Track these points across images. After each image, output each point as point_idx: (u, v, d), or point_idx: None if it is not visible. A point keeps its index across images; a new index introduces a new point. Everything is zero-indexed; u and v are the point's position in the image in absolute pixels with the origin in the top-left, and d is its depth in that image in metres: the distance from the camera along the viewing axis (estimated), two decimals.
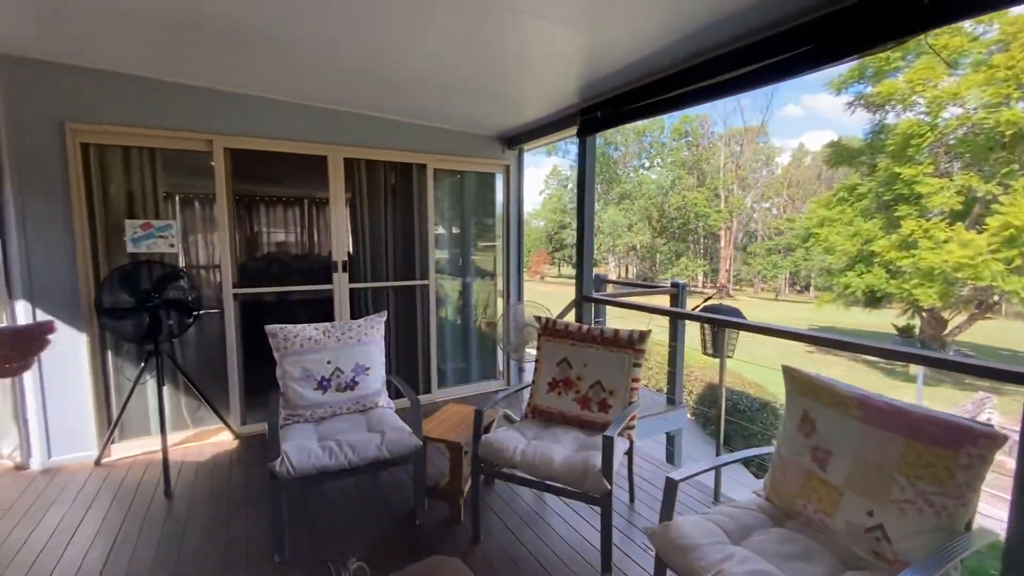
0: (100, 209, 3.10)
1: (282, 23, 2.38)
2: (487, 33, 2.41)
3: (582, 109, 3.39)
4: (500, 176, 4.55)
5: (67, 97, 2.92)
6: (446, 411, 2.90)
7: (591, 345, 2.56)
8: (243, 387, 3.61)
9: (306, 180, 6.67)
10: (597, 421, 2.46)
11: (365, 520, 2.52)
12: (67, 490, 2.81)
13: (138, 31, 2.49)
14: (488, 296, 4.81)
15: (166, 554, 2.25)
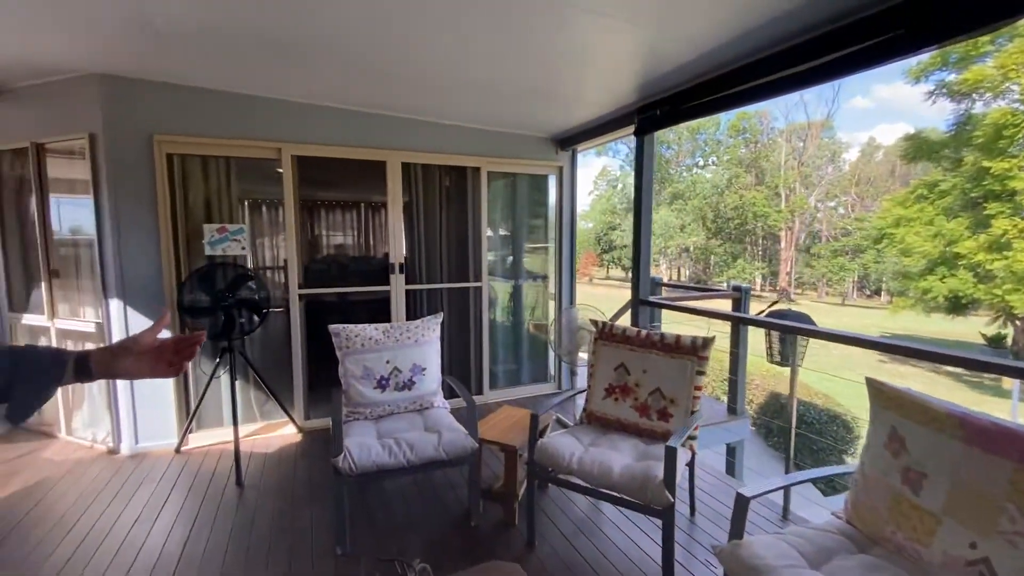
0: (182, 214, 3.34)
1: (346, 37, 2.48)
2: (546, 33, 2.39)
3: (639, 108, 3.30)
4: (553, 177, 4.52)
5: (155, 111, 3.16)
6: (500, 414, 2.90)
7: (651, 351, 2.48)
8: (306, 383, 3.77)
9: (364, 184, 6.91)
10: (657, 430, 2.38)
11: (421, 519, 2.56)
12: (151, 474, 3.03)
13: (220, 49, 2.66)
14: (539, 298, 4.78)
15: (238, 541, 2.37)
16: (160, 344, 0.91)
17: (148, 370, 0.91)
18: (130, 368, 0.89)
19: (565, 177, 4.47)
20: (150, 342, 0.90)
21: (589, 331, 3.39)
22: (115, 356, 0.88)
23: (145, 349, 0.90)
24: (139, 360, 0.89)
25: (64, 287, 3.47)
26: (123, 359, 0.88)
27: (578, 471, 2.13)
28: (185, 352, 0.92)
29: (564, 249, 4.54)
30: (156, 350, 0.91)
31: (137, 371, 0.90)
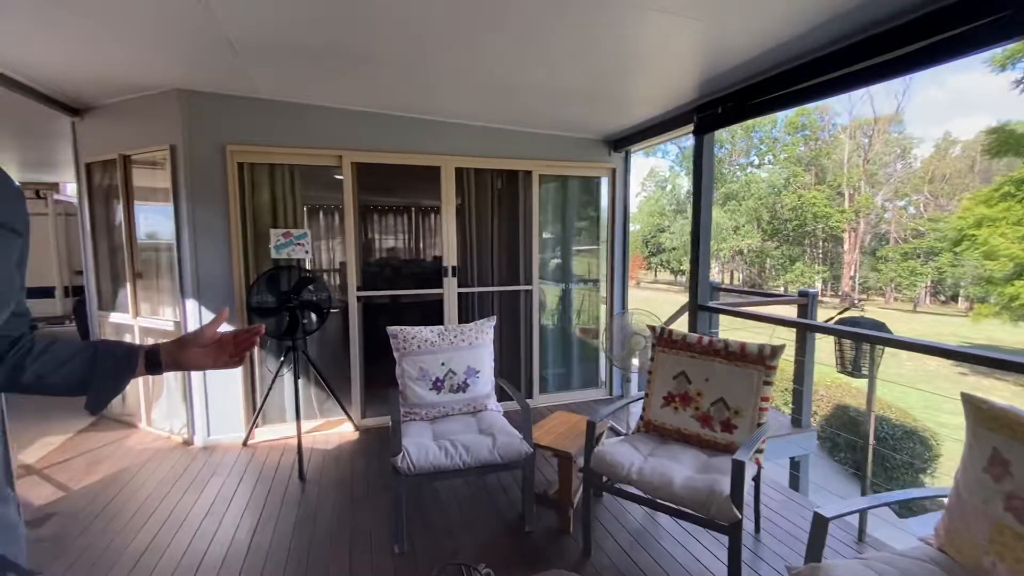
0: (250, 220, 3.52)
1: (404, 45, 2.54)
2: (604, 33, 2.36)
3: (699, 106, 3.20)
4: (605, 180, 4.45)
5: (228, 123, 3.36)
6: (554, 419, 2.87)
7: (714, 359, 2.38)
8: (363, 382, 3.89)
9: (418, 189, 7.07)
10: (720, 442, 2.28)
11: (475, 521, 2.56)
12: (222, 465, 3.21)
13: (287, 63, 2.79)
14: (589, 302, 4.72)
15: (302, 533, 2.47)
16: (221, 337, 0.98)
17: (211, 362, 0.97)
18: (195, 360, 0.96)
19: (618, 179, 4.39)
20: (211, 335, 0.97)
21: (644, 337, 3.31)
22: (181, 349, 0.95)
23: (207, 342, 0.97)
24: (203, 352, 0.96)
25: (146, 287, 3.74)
26: (188, 352, 0.95)
27: (638, 482, 2.07)
28: (244, 344, 0.99)
29: (616, 253, 4.46)
30: (218, 343, 0.98)
31: (202, 363, 0.97)
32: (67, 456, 3.34)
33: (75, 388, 0.86)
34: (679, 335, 2.54)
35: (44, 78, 3.14)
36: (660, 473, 2.04)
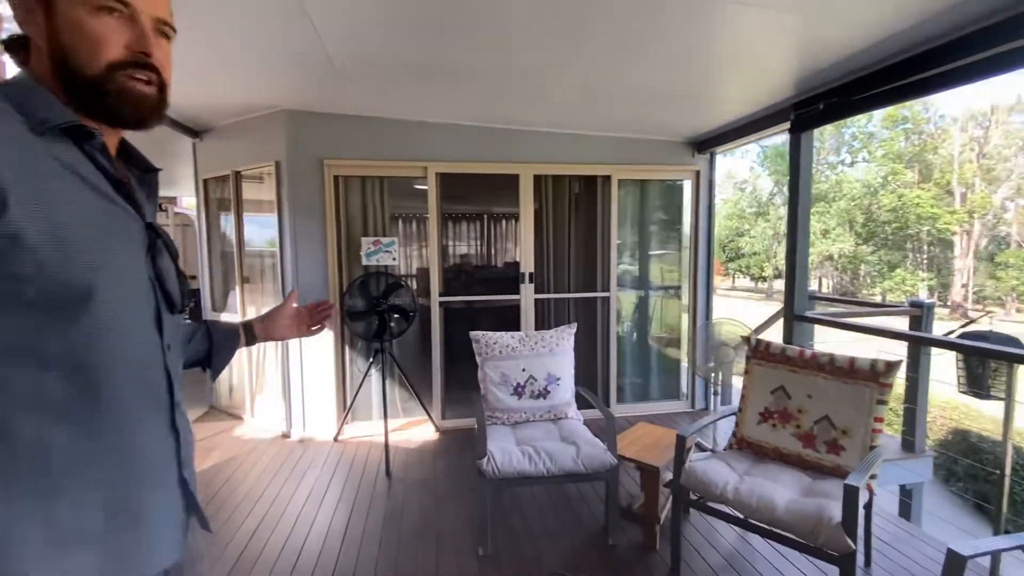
0: (344, 229, 3.76)
1: (496, 61, 2.61)
2: (697, 32, 2.28)
3: (796, 103, 3.00)
4: (688, 183, 4.30)
5: (325, 139, 3.61)
6: (638, 430, 2.80)
7: (817, 373, 2.21)
8: (443, 384, 4.01)
9: (494, 196, 7.22)
10: (825, 464, 2.11)
11: (557, 530, 2.55)
12: (316, 459, 3.43)
13: (380, 80, 2.96)
14: (669, 310, 4.56)
15: (390, 529, 2.57)
16: (298, 311, 1.17)
17: (295, 331, 1.16)
18: (281, 331, 1.14)
19: (702, 182, 4.22)
20: (289, 311, 1.15)
21: (732, 348, 3.14)
22: (269, 322, 1.12)
23: (288, 315, 1.15)
24: (287, 324, 1.14)
25: (252, 291, 4.10)
26: (275, 324, 1.12)
27: (733, 501, 1.97)
28: (321, 315, 1.19)
29: (700, 259, 4.28)
30: (296, 316, 1.16)
31: (287, 333, 1.15)
32: None
33: (201, 361, 1.02)
34: (778, 347, 2.38)
35: (173, 105, 3.54)
36: (759, 494, 1.92)
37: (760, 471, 2.15)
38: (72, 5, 0.64)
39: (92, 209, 0.65)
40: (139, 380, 0.70)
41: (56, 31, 0.64)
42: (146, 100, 0.70)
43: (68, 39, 0.65)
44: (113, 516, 0.65)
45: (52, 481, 0.61)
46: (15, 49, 0.69)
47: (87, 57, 0.65)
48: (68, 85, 0.66)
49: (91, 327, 0.63)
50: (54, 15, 0.64)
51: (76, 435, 0.62)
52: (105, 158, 0.69)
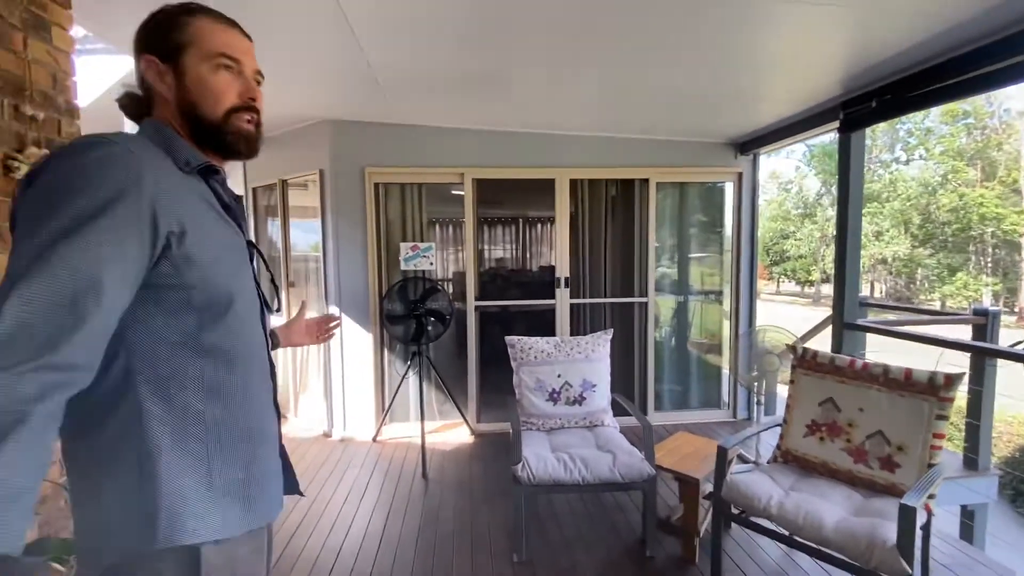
0: (384, 234, 3.85)
1: (534, 67, 2.62)
2: (739, 32, 2.23)
3: (845, 102, 2.88)
4: (730, 185, 4.18)
5: (367, 148, 3.72)
6: (676, 440, 2.73)
7: (869, 385, 2.10)
8: (478, 388, 4.04)
9: (531, 201, 7.24)
10: (878, 481, 2.00)
11: (593, 539, 2.52)
12: (355, 458, 3.52)
13: (419, 90, 3.02)
14: (710, 315, 4.44)
15: (427, 530, 2.61)
16: (309, 322, 1.35)
17: (308, 340, 1.34)
18: (296, 339, 1.31)
19: (745, 184, 4.10)
20: (302, 322, 1.33)
21: (776, 356, 3.03)
22: (287, 330, 1.29)
23: (301, 326, 1.32)
24: (300, 334, 1.32)
25: (296, 295, 4.26)
26: (291, 332, 1.29)
27: (778, 517, 1.89)
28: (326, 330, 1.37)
29: (743, 263, 4.15)
30: (308, 327, 1.34)
31: (301, 341, 1.33)
32: None
33: None
34: (826, 357, 2.28)
35: None
36: (806, 511, 1.85)
37: (807, 486, 2.06)
38: (197, 66, 0.82)
39: (223, 232, 0.83)
40: (258, 365, 0.87)
41: (185, 87, 0.82)
42: (252, 136, 0.88)
43: (195, 93, 0.82)
44: (247, 473, 0.82)
45: (208, 445, 0.77)
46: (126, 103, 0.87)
47: (211, 106, 0.83)
48: (195, 128, 0.84)
49: (232, 324, 0.81)
50: (183, 75, 0.82)
51: (224, 408, 0.79)
52: (223, 189, 0.88)
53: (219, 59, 0.83)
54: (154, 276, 0.72)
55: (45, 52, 1.79)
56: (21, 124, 1.67)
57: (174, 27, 0.83)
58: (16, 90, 1.66)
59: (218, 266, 0.78)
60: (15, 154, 1.63)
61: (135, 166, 0.70)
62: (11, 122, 1.64)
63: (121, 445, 0.72)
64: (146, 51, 0.83)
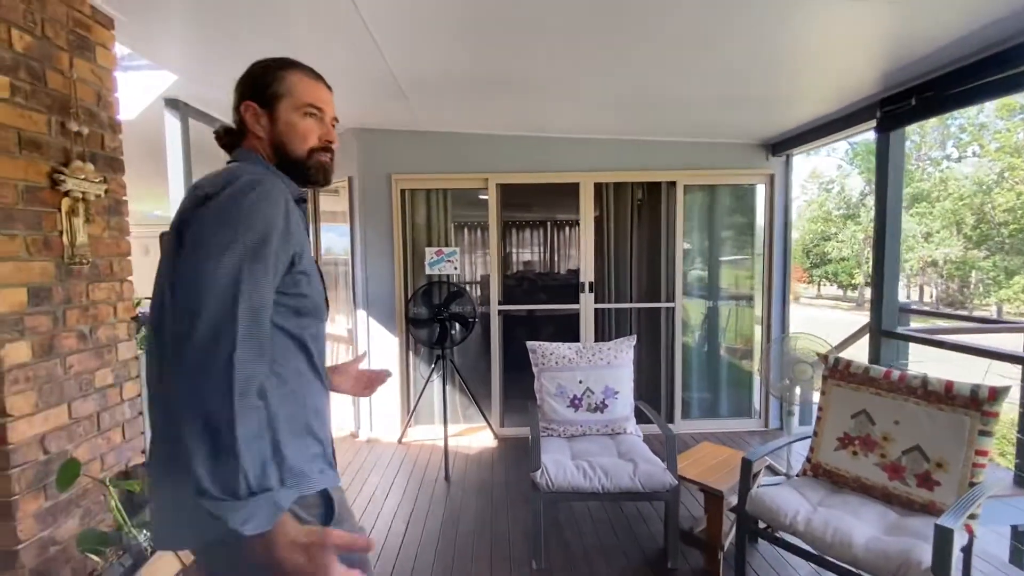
0: (409, 239, 3.92)
1: (555, 70, 2.62)
2: (770, 31, 2.16)
3: (883, 99, 2.75)
4: (761, 187, 4.06)
5: (393, 155, 3.79)
6: (701, 450, 2.67)
7: (907, 398, 2.00)
8: (502, 392, 4.04)
9: (548, 204, 7.22)
10: (915, 499, 1.90)
11: (613, 548, 2.48)
12: (380, 459, 3.58)
13: (443, 97, 3.07)
14: (741, 320, 4.32)
15: (448, 532, 2.63)
16: (360, 373, 1.30)
17: (350, 389, 1.28)
18: (340, 386, 1.25)
19: (777, 186, 3.97)
20: (355, 370, 1.29)
21: (810, 365, 2.92)
22: (334, 372, 1.24)
23: (352, 374, 1.28)
24: (348, 382, 1.27)
25: None
26: (340, 377, 1.25)
27: (804, 534, 1.82)
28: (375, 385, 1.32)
29: (775, 267, 4.02)
30: (358, 377, 1.29)
31: (344, 388, 1.26)
32: None
33: None
34: (859, 367, 2.18)
35: None
36: (835, 528, 1.77)
37: (837, 502, 1.97)
38: (288, 112, 1.00)
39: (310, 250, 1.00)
40: (324, 357, 1.03)
41: (277, 129, 1.00)
42: (328, 169, 1.05)
43: (285, 134, 1.00)
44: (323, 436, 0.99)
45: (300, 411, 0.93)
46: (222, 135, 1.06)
47: (298, 145, 1.01)
48: (282, 161, 1.01)
49: (320, 325, 1.00)
50: (277, 120, 1.00)
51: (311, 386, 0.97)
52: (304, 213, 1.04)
53: (307, 108, 1.01)
54: (282, 286, 0.89)
55: (89, 71, 1.91)
56: (67, 139, 1.78)
57: (273, 80, 1.01)
58: (62, 108, 1.77)
59: (315, 279, 0.97)
60: (62, 168, 1.74)
61: (282, 203, 0.88)
62: (58, 137, 1.75)
63: None
64: (248, 97, 1.01)
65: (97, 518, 1.90)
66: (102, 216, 1.97)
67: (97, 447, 1.93)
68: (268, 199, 0.86)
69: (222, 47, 2.43)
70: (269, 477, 0.77)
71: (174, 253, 0.85)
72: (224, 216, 0.83)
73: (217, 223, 0.82)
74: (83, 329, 1.87)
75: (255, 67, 1.04)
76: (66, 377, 1.79)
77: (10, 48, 1.58)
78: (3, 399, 1.55)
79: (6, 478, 1.56)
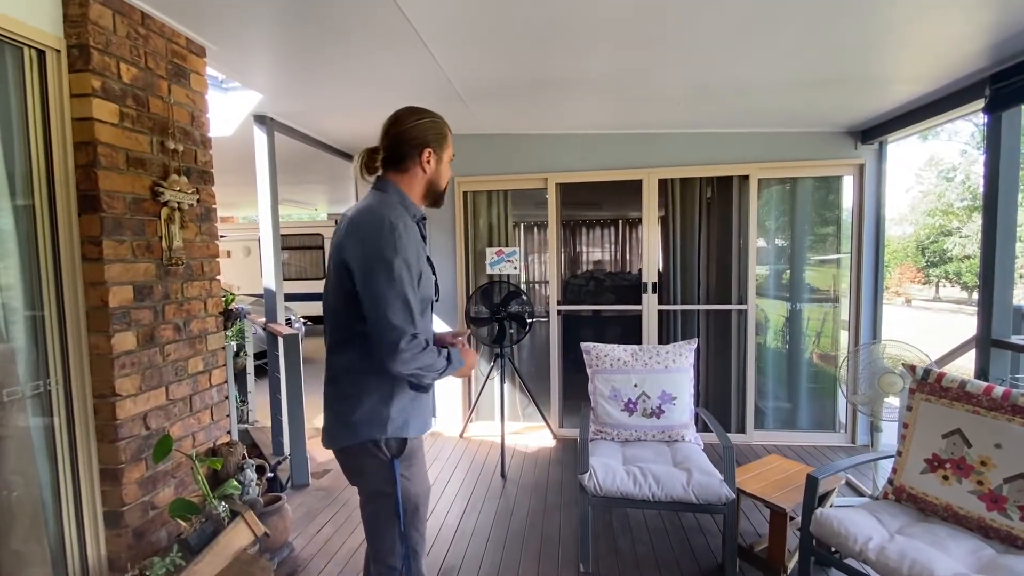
0: (472, 239, 4.02)
1: (613, 65, 2.56)
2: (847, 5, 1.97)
3: (993, 75, 2.40)
4: (849, 178, 3.68)
5: (457, 158, 3.89)
6: (767, 462, 2.49)
7: (1011, 418, 1.73)
8: (561, 392, 4.03)
9: (619, 202, 7.03)
10: (1019, 534, 1.64)
11: (667, 559, 2.39)
12: (442, 452, 3.71)
13: (500, 98, 3.11)
14: (827, 324, 3.95)
15: (499, 527, 2.68)
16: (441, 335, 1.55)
17: None
18: None
19: (868, 176, 3.58)
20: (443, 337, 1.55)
21: (899, 375, 2.61)
22: None
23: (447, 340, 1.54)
24: None
25: None
26: None
27: (876, 563, 1.64)
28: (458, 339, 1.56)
29: (865, 266, 3.63)
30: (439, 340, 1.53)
31: None
32: None
33: None
34: (953, 380, 1.92)
35: (340, 139, 4.18)
36: (912, 560, 1.57)
37: (921, 532, 1.75)
38: (444, 161, 1.48)
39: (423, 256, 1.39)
40: None
41: (437, 171, 1.45)
42: None
43: (440, 175, 1.48)
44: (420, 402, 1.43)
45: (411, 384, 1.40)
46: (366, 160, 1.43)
47: (442, 184, 1.50)
48: (429, 192, 1.47)
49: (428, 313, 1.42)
50: (439, 164, 1.45)
51: None
52: (424, 228, 1.47)
53: (450, 159, 1.52)
54: None
55: (184, 95, 2.17)
56: (165, 156, 2.05)
57: (445, 136, 1.47)
58: (162, 129, 2.03)
59: (429, 281, 1.40)
60: (161, 182, 2.00)
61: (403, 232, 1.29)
62: (158, 155, 2.02)
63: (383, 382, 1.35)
64: (430, 144, 1.41)
65: (189, 488, 2.17)
66: (195, 223, 2.23)
67: (189, 426, 2.20)
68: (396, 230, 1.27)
69: (298, 68, 2.66)
70: (444, 360, 1.35)
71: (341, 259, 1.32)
72: (381, 244, 1.27)
73: (377, 247, 1.27)
74: (178, 322, 2.14)
75: (437, 122, 1.45)
76: (164, 364, 2.06)
77: (119, 80, 1.84)
78: (113, 381, 1.82)
79: (115, 448, 1.83)
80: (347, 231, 1.31)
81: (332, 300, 1.37)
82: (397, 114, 1.42)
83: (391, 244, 1.24)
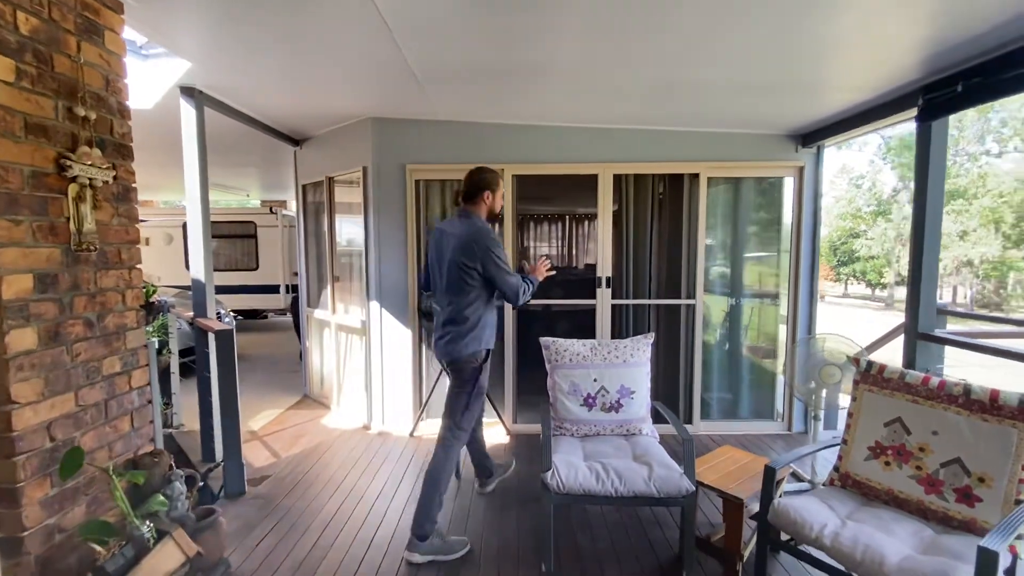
0: (423, 231, 3.86)
1: (575, 57, 2.51)
2: (798, 15, 2.02)
3: (926, 86, 2.58)
4: (790, 180, 3.88)
5: (408, 145, 3.73)
6: (720, 454, 2.55)
7: (946, 406, 1.86)
8: (515, 388, 3.97)
9: (573, 196, 7.08)
10: (954, 516, 1.77)
11: (626, 554, 2.40)
12: (391, 453, 3.55)
13: (457, 85, 2.98)
14: (764, 318, 4.16)
15: (456, 529, 2.58)
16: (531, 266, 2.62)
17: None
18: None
19: (807, 178, 3.78)
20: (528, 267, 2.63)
21: (839, 368, 2.77)
22: None
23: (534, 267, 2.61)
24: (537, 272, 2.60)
25: (341, 289, 4.36)
26: None
27: (831, 549, 1.71)
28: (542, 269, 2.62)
29: (803, 264, 3.84)
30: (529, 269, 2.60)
31: None
32: (280, 427, 4.04)
33: None
34: (894, 371, 2.04)
35: (278, 118, 3.86)
36: (865, 545, 1.65)
37: (868, 516, 1.85)
38: (499, 196, 2.54)
39: None
40: None
41: (493, 203, 2.53)
42: None
43: (497, 205, 2.55)
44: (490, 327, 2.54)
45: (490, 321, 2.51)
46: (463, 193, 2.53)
47: (496, 210, 2.57)
48: (491, 216, 2.55)
49: None
50: (493, 198, 2.51)
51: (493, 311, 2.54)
52: None
53: (502, 193, 2.54)
54: None
55: (98, 55, 1.88)
56: (74, 124, 1.76)
57: (498, 182, 2.52)
58: (69, 92, 1.74)
59: None
60: (68, 153, 1.72)
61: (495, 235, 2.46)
62: (65, 122, 1.73)
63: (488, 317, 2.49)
64: (488, 187, 2.48)
65: (106, 506, 1.90)
66: (110, 203, 1.95)
67: (104, 435, 1.92)
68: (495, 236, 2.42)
69: (234, 32, 2.39)
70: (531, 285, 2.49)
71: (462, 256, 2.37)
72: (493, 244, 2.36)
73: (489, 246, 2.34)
74: (90, 316, 1.86)
75: (494, 174, 2.51)
76: (73, 364, 1.78)
77: (15, 30, 1.55)
78: (8, 386, 1.54)
79: (11, 465, 1.56)
80: (465, 237, 2.35)
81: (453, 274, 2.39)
82: (471, 171, 2.51)
83: (495, 242, 2.36)
